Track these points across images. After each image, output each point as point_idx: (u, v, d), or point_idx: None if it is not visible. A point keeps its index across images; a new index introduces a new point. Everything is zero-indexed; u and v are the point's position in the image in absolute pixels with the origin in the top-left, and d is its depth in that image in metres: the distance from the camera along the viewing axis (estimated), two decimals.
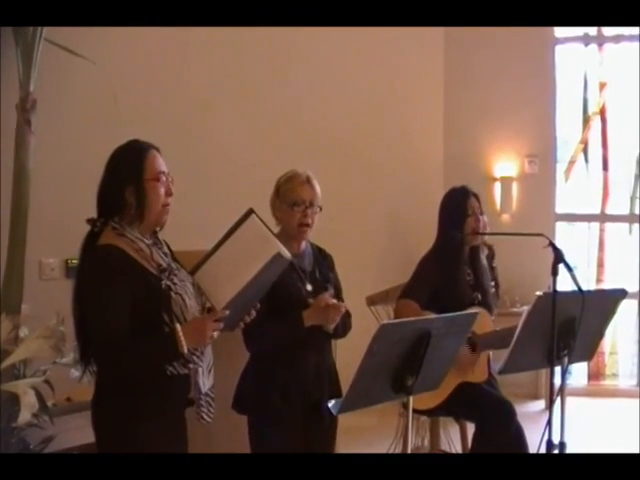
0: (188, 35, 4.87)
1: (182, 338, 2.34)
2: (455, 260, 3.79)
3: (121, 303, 2.35)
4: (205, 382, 2.54)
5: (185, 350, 2.35)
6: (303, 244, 3.11)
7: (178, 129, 4.96)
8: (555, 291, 2.69)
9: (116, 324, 2.34)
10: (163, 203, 2.50)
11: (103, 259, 2.39)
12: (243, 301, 2.44)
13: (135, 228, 2.47)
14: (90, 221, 2.48)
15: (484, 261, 3.95)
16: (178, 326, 2.36)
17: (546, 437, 2.70)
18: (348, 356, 3.14)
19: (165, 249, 2.56)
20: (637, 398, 6.34)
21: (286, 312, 2.90)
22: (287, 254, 2.45)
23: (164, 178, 2.50)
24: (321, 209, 3.07)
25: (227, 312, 2.38)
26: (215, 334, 2.41)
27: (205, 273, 2.41)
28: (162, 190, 2.49)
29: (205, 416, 2.57)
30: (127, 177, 2.45)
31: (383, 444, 4.49)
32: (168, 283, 2.43)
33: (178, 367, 2.43)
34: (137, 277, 2.39)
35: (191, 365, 2.46)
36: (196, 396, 2.53)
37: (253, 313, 2.59)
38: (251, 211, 2.45)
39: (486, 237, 3.95)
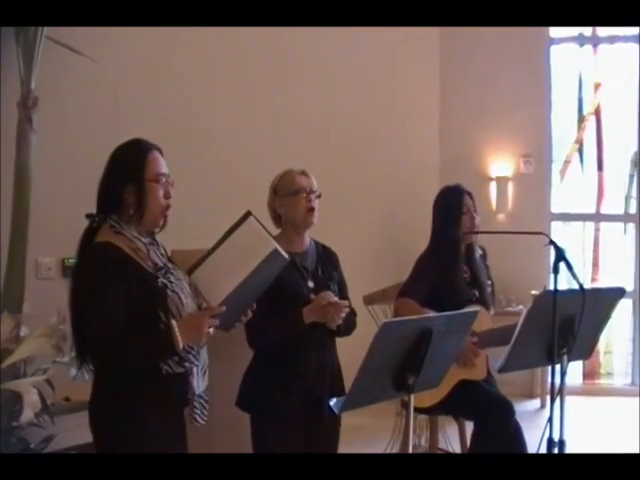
0: (188, 35, 4.87)
1: (178, 334, 2.32)
2: (452, 258, 3.81)
3: (118, 301, 2.34)
4: (199, 383, 2.52)
5: (181, 346, 2.33)
6: (307, 242, 3.10)
7: (178, 127, 4.96)
8: (556, 289, 2.69)
9: (113, 322, 2.32)
10: (161, 205, 2.48)
11: (100, 257, 2.38)
12: (239, 300, 2.44)
13: (133, 227, 2.46)
14: (89, 216, 2.47)
15: (479, 259, 3.97)
16: (174, 322, 2.34)
17: (547, 435, 2.70)
18: (347, 355, 3.15)
19: (162, 250, 2.56)
20: (632, 397, 6.39)
21: (287, 309, 2.90)
22: (284, 253, 2.46)
23: (164, 180, 2.49)
24: (320, 196, 3.06)
25: (224, 308, 2.37)
26: (211, 331, 2.39)
27: (202, 273, 2.40)
28: (161, 192, 2.48)
29: (198, 418, 2.54)
30: (127, 176, 2.44)
31: (380, 443, 4.51)
32: (164, 281, 2.43)
33: (174, 366, 2.42)
34: (134, 276, 2.38)
35: (187, 364, 2.44)
36: (190, 397, 2.51)
37: (249, 314, 2.58)
38: (249, 213, 2.45)
39: (478, 237, 3.96)
